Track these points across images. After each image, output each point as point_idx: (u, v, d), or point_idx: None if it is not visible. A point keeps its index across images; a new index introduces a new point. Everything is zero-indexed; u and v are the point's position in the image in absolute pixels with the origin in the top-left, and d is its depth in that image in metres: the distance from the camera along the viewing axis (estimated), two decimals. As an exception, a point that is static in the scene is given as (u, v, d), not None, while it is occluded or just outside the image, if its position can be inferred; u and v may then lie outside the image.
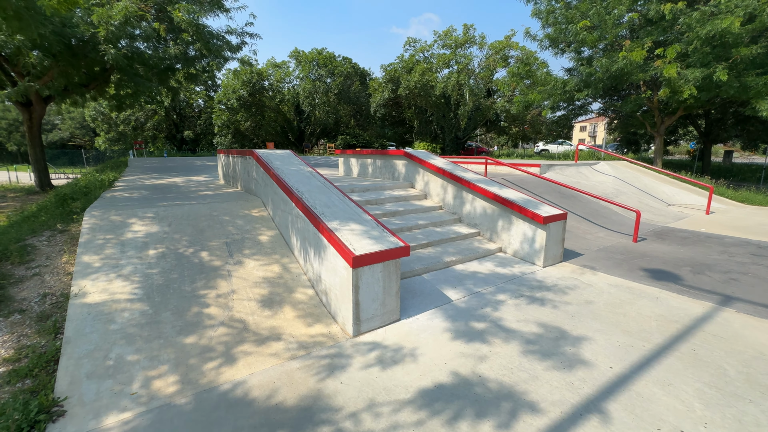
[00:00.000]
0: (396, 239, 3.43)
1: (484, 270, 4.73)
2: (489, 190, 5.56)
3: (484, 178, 6.24)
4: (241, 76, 26.39)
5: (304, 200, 4.01)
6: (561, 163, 11.57)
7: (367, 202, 6.09)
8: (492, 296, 3.99)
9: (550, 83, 15.42)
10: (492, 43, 22.86)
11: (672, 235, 6.86)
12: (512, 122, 28.66)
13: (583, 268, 4.98)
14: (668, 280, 4.54)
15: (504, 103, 22.26)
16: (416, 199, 6.72)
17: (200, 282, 3.55)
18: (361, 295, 3.13)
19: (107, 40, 9.02)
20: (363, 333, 3.20)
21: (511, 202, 5.21)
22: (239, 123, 29.90)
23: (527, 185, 8.72)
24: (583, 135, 64.51)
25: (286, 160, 5.34)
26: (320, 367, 2.72)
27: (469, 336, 3.16)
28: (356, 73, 30.47)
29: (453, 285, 4.24)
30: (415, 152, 7.16)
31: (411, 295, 3.93)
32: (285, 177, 4.62)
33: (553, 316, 3.55)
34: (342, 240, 3.26)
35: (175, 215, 4.48)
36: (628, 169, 12.27)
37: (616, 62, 12.60)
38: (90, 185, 6.40)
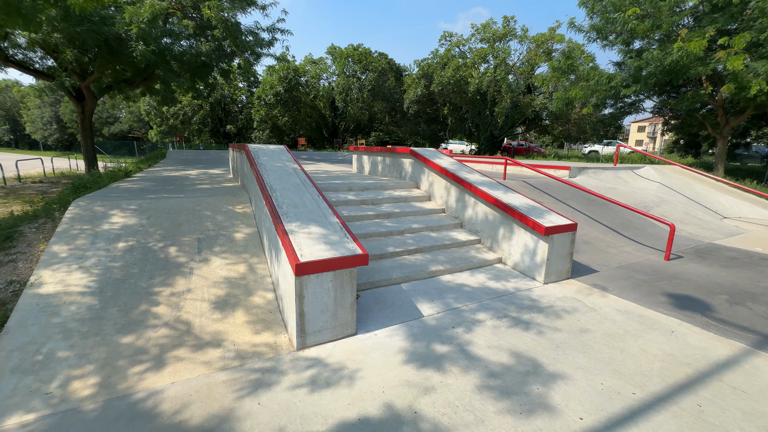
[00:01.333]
0: (355, 246, 3.13)
1: (473, 283, 4.28)
2: (491, 195, 5.04)
3: (490, 180, 5.70)
4: (278, 72, 27.11)
5: (273, 198, 3.82)
6: (597, 166, 10.50)
7: (363, 202, 5.82)
8: (471, 314, 3.55)
9: (593, 78, 14.11)
10: (534, 36, 21.44)
11: (716, 254, 5.87)
12: (555, 121, 26.88)
13: (592, 287, 4.34)
14: (694, 309, 3.81)
15: (543, 100, 20.81)
16: (419, 200, 6.33)
17: (159, 278, 3.48)
18: (307, 306, 2.87)
19: (139, 37, 9.49)
20: (309, 346, 2.94)
21: (512, 209, 4.67)
22: (277, 118, 30.82)
23: (551, 190, 7.96)
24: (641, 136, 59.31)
25: (274, 156, 5.20)
26: (246, 383, 2.50)
27: (425, 360, 2.79)
28: (392, 69, 30.14)
29: (431, 298, 3.84)
30: (421, 150, 6.75)
31: (379, 307, 3.61)
32: (264, 173, 4.47)
33: (534, 344, 3.06)
34: (293, 244, 3.01)
35: (157, 208, 4.48)
36: (679, 175, 10.88)
37: (670, 54, 11.19)
38: (104, 176, 6.71)
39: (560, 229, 4.35)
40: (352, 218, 5.25)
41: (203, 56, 13.60)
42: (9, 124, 54.70)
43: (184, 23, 10.84)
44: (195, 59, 13.11)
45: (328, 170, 10.03)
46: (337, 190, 6.11)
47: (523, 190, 7.64)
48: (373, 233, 4.95)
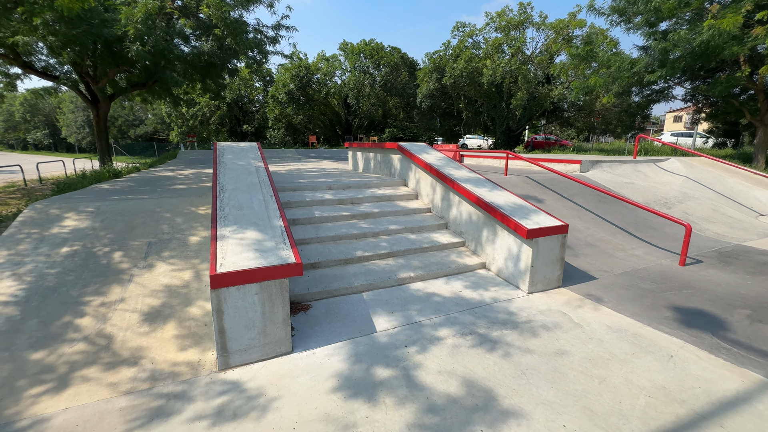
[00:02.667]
0: (289, 254, 2.77)
1: (445, 292, 3.82)
2: (473, 193, 4.55)
3: (477, 177, 5.20)
4: (290, 70, 27.13)
5: (219, 199, 3.52)
6: (613, 159, 9.64)
7: (340, 202, 5.45)
8: (432, 330, 3.12)
9: (614, 64, 13.06)
10: (553, 23, 20.25)
11: (744, 258, 5.11)
12: (578, 112, 25.45)
13: (585, 298, 3.79)
14: (704, 327, 3.20)
15: (562, 90, 19.62)
16: (404, 199, 5.90)
17: (93, 286, 3.25)
18: (228, 322, 2.54)
19: (136, 38, 9.52)
20: (233, 367, 2.61)
21: (494, 208, 4.17)
22: (291, 117, 30.95)
23: (557, 186, 7.30)
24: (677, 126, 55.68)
25: (240, 154, 4.92)
26: (145, 411, 2.20)
27: (358, 388, 2.40)
28: (405, 63, 29.50)
29: (392, 309, 3.44)
30: (409, 145, 6.30)
31: (330, 320, 3.24)
32: (222, 172, 4.19)
33: (495, 369, 2.60)
34: (217, 251, 2.69)
35: (116, 210, 4.30)
36: (710, 168, 9.84)
37: (699, 34, 10.11)
38: (89, 177, 6.69)
39: (546, 232, 3.81)
40: (324, 219, 4.90)
41: (207, 56, 13.63)
42: (48, 129, 58.15)
43: (182, 22, 10.80)
44: (199, 59, 13.15)
45: (324, 168, 9.73)
46: (315, 189, 5.78)
47: (522, 187, 7.04)
48: (344, 236, 4.58)
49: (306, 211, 5.03)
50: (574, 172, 8.60)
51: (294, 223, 4.72)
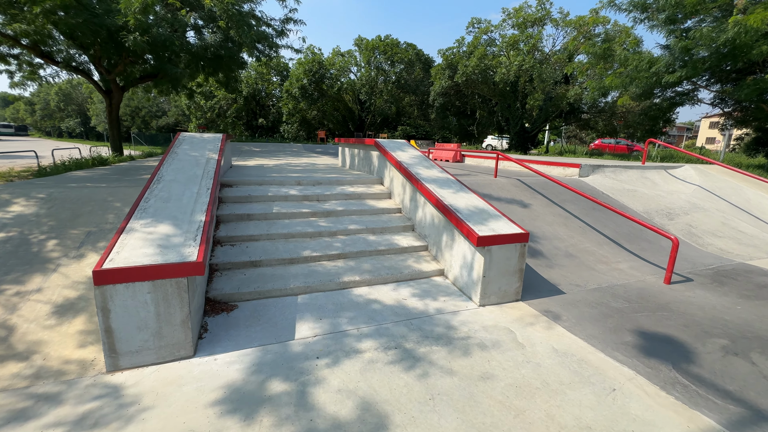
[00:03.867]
0: (193, 251, 2.58)
1: (389, 299, 3.56)
2: (434, 194, 4.25)
3: (447, 177, 4.88)
4: (303, 65, 27.17)
5: (149, 189, 3.38)
6: (617, 164, 9.01)
7: (305, 198, 5.25)
8: (355, 341, 2.87)
9: (631, 63, 12.29)
10: (573, 19, 19.32)
11: (742, 279, 4.57)
12: (598, 114, 24.33)
13: (542, 315, 3.44)
14: (666, 358, 2.81)
15: (578, 91, 18.70)
16: (376, 197, 5.64)
17: (14, 275, 3.18)
18: (116, 321, 2.38)
19: (136, 28, 9.61)
20: (123, 369, 2.45)
21: (450, 211, 3.86)
22: (305, 112, 31.06)
23: (548, 191, 6.86)
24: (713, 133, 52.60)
25: (198, 145, 4.79)
26: (6, 413, 2.06)
27: (241, 403, 2.18)
28: (419, 59, 28.99)
29: (322, 315, 3.20)
30: (385, 142, 6.03)
31: (250, 323, 3.04)
32: (168, 162, 4.06)
33: (403, 392, 2.33)
34: (114, 245, 2.53)
35: (67, 198, 4.25)
36: (728, 178, 9.06)
37: (724, 31, 9.31)
38: (69, 164, 6.76)
39: (502, 240, 3.47)
40: (282, 215, 4.71)
41: (213, 48, 13.70)
42: (80, 118, 60.87)
43: (182, 13, 10.86)
44: (205, 51, 13.23)
45: (315, 163, 9.57)
46: (283, 184, 5.60)
47: (509, 191, 6.64)
48: (297, 234, 4.37)
49: (265, 206, 4.86)
50: (572, 176, 8.09)
51: (248, 218, 4.55)
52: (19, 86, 15.48)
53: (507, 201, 6.23)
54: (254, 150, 17.96)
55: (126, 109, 43.56)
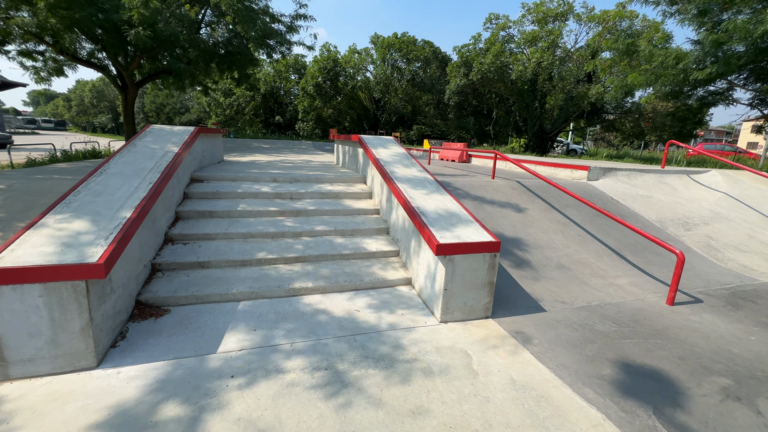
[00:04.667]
0: (96, 251, 2.32)
1: (340, 310, 3.21)
2: (403, 194, 3.87)
3: (424, 177, 4.48)
4: (319, 62, 27.13)
5: (85, 182, 3.17)
6: (633, 168, 8.28)
7: (277, 196, 4.98)
8: (284, 358, 2.55)
9: (656, 59, 11.38)
10: (598, 14, 18.27)
11: (763, 303, 3.94)
12: (623, 115, 23.02)
13: (510, 337, 3.00)
14: (647, 399, 2.33)
15: (600, 89, 17.63)
16: (355, 197, 5.29)
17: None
18: (3, 326, 2.15)
19: (141, 23, 9.66)
20: (12, 379, 2.22)
21: (415, 214, 3.48)
22: (320, 110, 31.08)
23: (549, 195, 6.32)
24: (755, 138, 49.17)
25: (163, 137, 4.59)
26: None
27: (122, 429, 1.90)
28: (436, 57, 28.36)
29: (258, 326, 2.90)
30: (369, 138, 5.68)
31: (176, 331, 2.77)
32: (122, 153, 3.87)
33: (311, 426, 1.98)
34: (16, 240, 2.31)
35: (26, 189, 4.15)
36: (761, 185, 8.15)
37: (762, 23, 8.39)
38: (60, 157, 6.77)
39: (467, 248, 3.06)
40: (247, 213, 4.44)
41: (222, 45, 13.74)
42: (111, 114, 63.68)
43: (186, 8, 10.87)
44: (214, 47, 13.28)
45: (309, 161, 9.34)
46: (257, 180, 5.34)
47: (504, 193, 6.15)
48: (258, 233, 4.09)
49: (232, 203, 4.61)
50: (580, 180, 7.47)
51: (210, 215, 4.31)
52: (44, 81, 16.20)
53: (500, 205, 5.75)
54: (263, 147, 18.03)
55: (151, 105, 45.11)
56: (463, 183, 6.38)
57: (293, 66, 34.11)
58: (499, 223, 5.26)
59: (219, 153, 7.38)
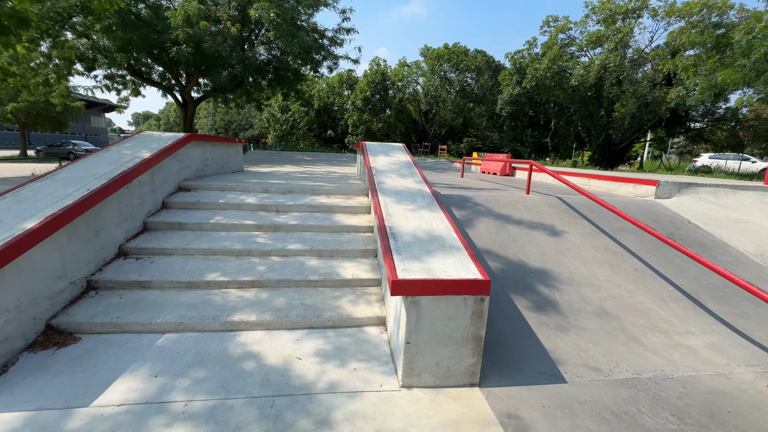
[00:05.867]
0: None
1: (276, 356, 2.52)
2: (381, 209, 3.10)
3: (418, 190, 3.67)
4: (368, 77, 27.35)
5: (21, 188, 2.91)
6: (722, 184, 6.47)
7: (262, 208, 4.48)
8: (163, 425, 1.91)
9: (756, 51, 9.22)
10: (679, 7, 15.78)
11: None
12: (715, 122, 19.56)
13: (495, 425, 2.04)
14: None
15: (682, 92, 14.95)
16: (350, 212, 4.61)
17: None
18: None
19: (186, 41, 10.23)
20: None
21: (384, 236, 2.69)
22: (369, 123, 31.30)
23: (598, 216, 5.06)
24: None
25: (143, 144, 4.35)
26: None
27: None
28: (489, 66, 26.97)
29: (163, 370, 2.31)
30: (371, 145, 5.02)
31: (66, 368, 2.29)
32: (86, 159, 3.64)
33: None
34: None
35: None
36: None
37: None
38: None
39: (436, 288, 2.19)
40: (220, 227, 3.98)
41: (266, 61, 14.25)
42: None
43: (227, 25, 11.32)
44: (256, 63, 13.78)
45: (331, 171, 8.92)
46: (247, 191, 4.93)
47: (540, 212, 5.03)
48: (221, 250, 3.58)
49: (208, 214, 4.20)
50: (645, 197, 5.98)
51: (180, 227, 3.93)
52: (124, 101, 18.43)
53: (529, 226, 4.66)
54: (305, 159, 18.36)
55: (221, 122, 49.49)
56: (487, 198, 5.37)
57: (346, 81, 35.02)
58: (523, 249, 4.20)
59: (234, 162, 7.24)
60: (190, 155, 5.10)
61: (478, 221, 4.68)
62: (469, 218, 4.74)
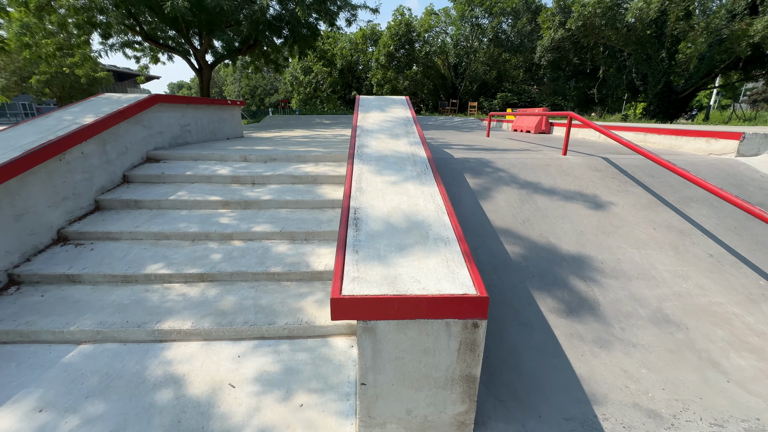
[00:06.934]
0: None
1: (204, 380, 1.92)
2: (349, 183, 2.31)
3: (408, 154, 2.81)
4: (390, 29, 25.14)
5: None
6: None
7: (235, 180, 3.82)
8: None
9: None
10: None
11: None
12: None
13: None
14: None
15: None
16: (339, 183, 3.84)
17: None
18: None
19: (181, -6, 9.35)
20: None
21: (344, 222, 1.91)
22: (395, 81, 29.39)
23: (658, 180, 3.94)
24: None
25: (93, 107, 3.72)
26: None
27: None
28: (528, 8, 23.69)
29: (50, 402, 1.79)
30: (365, 99, 4.12)
31: (-60, 396, 1.81)
32: (15, 128, 3.08)
33: None
34: None
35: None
36: None
37: None
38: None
39: (401, 309, 1.42)
40: (182, 204, 3.38)
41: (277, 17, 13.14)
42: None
43: (228, -27, 10.24)
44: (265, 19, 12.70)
45: (340, 134, 8.06)
46: (223, 159, 4.25)
47: (580, 177, 3.99)
48: (174, 234, 2.99)
49: (170, 189, 3.60)
50: (722, 155, 4.66)
51: (135, 205, 3.37)
52: (144, 69, 18.32)
53: (563, 196, 3.67)
54: (323, 122, 17.55)
55: (246, 88, 49.03)
56: (512, 161, 4.36)
57: (370, 37, 32.75)
58: (554, 227, 3.27)
59: (229, 128, 6.57)
60: (161, 120, 4.46)
61: (498, 191, 3.75)
62: (486, 188, 3.81)
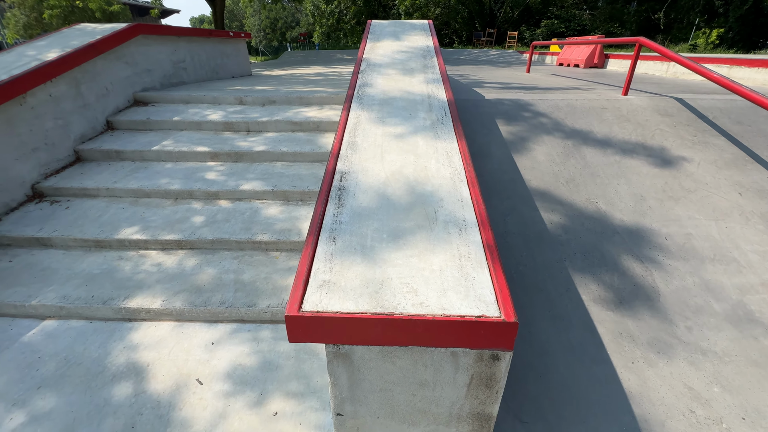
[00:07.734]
0: None
1: (170, 372, 1.66)
2: (339, 138, 1.77)
3: (422, 96, 2.18)
4: (422, -57, 21.74)
5: None
6: None
7: (228, 127, 3.34)
8: None
9: None
10: None
11: None
12: None
13: None
14: None
15: None
16: (346, 129, 3.27)
17: None
18: None
19: None
20: None
21: (322, 195, 1.42)
22: (425, 8, 26.31)
23: (745, 129, 3.08)
24: None
25: (61, 40, 3.21)
26: None
27: None
28: None
29: (3, 394, 1.58)
30: (377, 23, 3.34)
31: None
32: None
33: None
34: None
35: None
36: None
37: None
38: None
39: (386, 334, 0.97)
40: (165, 156, 2.99)
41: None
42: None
43: None
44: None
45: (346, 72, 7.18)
46: (216, 102, 3.73)
47: (649, 128, 3.20)
48: (154, 191, 2.64)
49: (154, 137, 3.19)
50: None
51: (117, 156, 3.01)
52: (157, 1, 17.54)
53: (620, 149, 2.94)
54: (345, 57, 16.34)
55: (266, 21, 46.10)
56: (556, 104, 3.55)
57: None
58: (606, 190, 2.62)
59: (234, 65, 5.91)
60: (148, 56, 3.91)
61: (537, 142, 3.06)
62: (522, 137, 3.12)
